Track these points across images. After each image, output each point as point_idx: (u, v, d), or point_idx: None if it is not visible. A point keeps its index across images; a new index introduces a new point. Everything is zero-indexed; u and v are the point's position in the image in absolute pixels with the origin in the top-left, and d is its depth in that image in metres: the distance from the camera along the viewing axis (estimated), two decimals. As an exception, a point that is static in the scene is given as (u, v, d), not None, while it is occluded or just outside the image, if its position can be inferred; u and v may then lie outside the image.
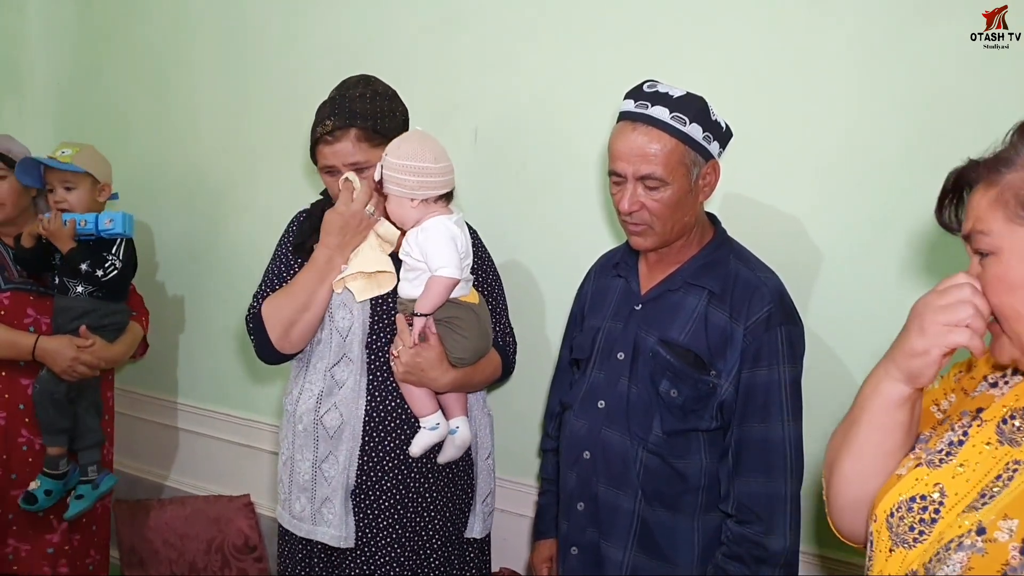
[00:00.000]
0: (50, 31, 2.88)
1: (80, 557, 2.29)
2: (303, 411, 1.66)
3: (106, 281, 2.10)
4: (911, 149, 1.56)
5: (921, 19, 1.52)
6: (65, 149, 2.12)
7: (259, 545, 2.46)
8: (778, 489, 1.36)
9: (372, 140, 1.59)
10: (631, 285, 1.52)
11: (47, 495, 2.11)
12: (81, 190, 2.11)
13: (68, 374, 2.08)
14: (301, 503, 1.67)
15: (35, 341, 2.07)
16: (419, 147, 1.51)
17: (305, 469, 1.66)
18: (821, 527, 1.69)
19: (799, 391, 1.40)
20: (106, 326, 2.16)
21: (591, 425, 1.49)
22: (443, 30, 2.06)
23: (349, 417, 1.62)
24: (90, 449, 2.20)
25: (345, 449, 1.62)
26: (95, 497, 2.20)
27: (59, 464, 2.13)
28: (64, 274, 2.10)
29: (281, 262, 1.71)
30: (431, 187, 1.52)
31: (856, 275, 1.63)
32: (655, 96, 1.35)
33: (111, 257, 2.11)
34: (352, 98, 1.60)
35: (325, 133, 1.57)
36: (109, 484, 2.26)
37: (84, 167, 2.10)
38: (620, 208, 1.40)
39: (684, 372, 1.40)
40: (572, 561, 1.54)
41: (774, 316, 1.37)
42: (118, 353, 2.21)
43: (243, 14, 2.41)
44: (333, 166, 1.60)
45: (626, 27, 1.82)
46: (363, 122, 1.57)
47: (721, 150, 1.41)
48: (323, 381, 1.65)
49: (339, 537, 1.63)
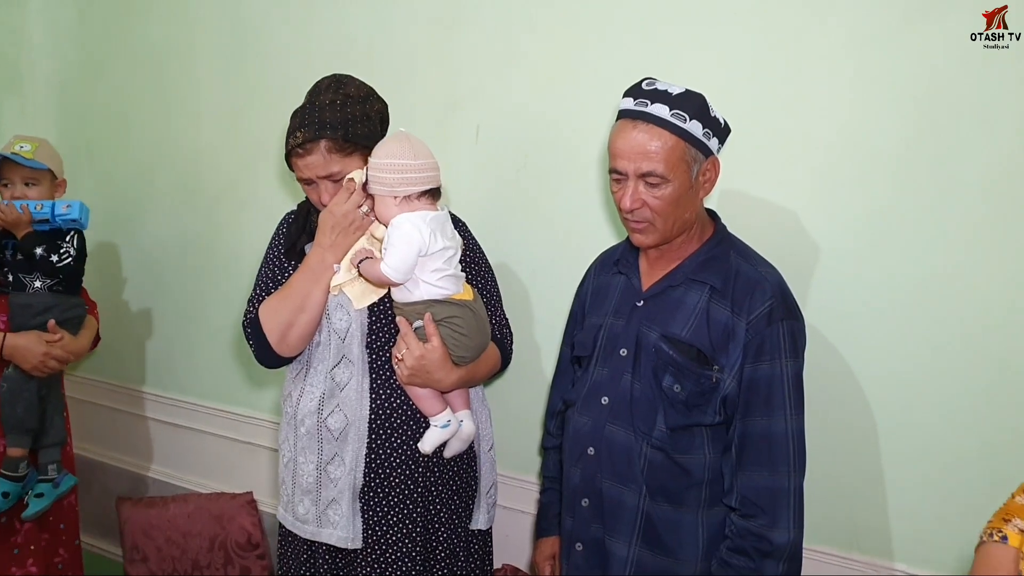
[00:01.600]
0: (51, 30, 2.88)
1: (48, 556, 2.27)
2: (305, 414, 1.66)
3: (61, 267, 2.09)
4: (910, 148, 1.56)
5: (921, 18, 1.52)
6: (23, 144, 2.09)
7: (262, 542, 2.47)
8: (781, 482, 1.37)
9: (344, 150, 1.56)
10: (632, 282, 1.53)
11: (4, 497, 2.07)
12: (42, 186, 2.11)
13: (39, 370, 2.07)
14: (305, 505, 1.67)
15: (2, 339, 2.05)
16: (398, 146, 1.53)
17: (309, 472, 1.66)
18: (822, 523, 1.70)
19: (801, 385, 1.41)
20: (69, 320, 2.16)
21: (595, 421, 1.50)
22: (445, 28, 2.06)
23: (354, 418, 1.62)
24: (51, 448, 2.19)
25: (351, 450, 1.62)
26: (55, 496, 2.18)
27: (19, 466, 2.10)
28: (17, 269, 2.08)
29: (273, 265, 1.71)
30: (411, 183, 1.52)
31: (855, 271, 1.64)
32: (654, 94, 1.36)
33: (65, 244, 2.10)
34: (322, 106, 1.57)
35: (296, 145, 1.56)
36: (69, 484, 2.24)
37: (45, 163, 2.09)
38: (621, 206, 1.41)
39: (687, 367, 1.40)
40: (577, 557, 1.55)
41: (776, 311, 1.38)
42: (83, 346, 2.21)
43: (244, 13, 2.41)
44: (308, 178, 1.60)
45: (626, 24, 1.82)
46: (332, 132, 1.54)
47: (720, 146, 1.42)
48: (324, 383, 1.64)
49: (346, 538, 1.63)
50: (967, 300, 1.55)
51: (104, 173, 2.81)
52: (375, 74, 2.10)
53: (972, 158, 1.51)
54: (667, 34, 1.78)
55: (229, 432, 2.62)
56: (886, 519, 1.67)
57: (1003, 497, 1.51)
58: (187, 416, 2.71)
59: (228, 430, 2.62)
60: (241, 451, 2.59)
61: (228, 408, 2.62)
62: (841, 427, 1.69)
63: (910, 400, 1.62)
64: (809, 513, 1.43)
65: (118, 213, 2.79)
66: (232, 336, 2.58)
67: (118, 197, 2.78)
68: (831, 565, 1.72)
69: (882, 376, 1.64)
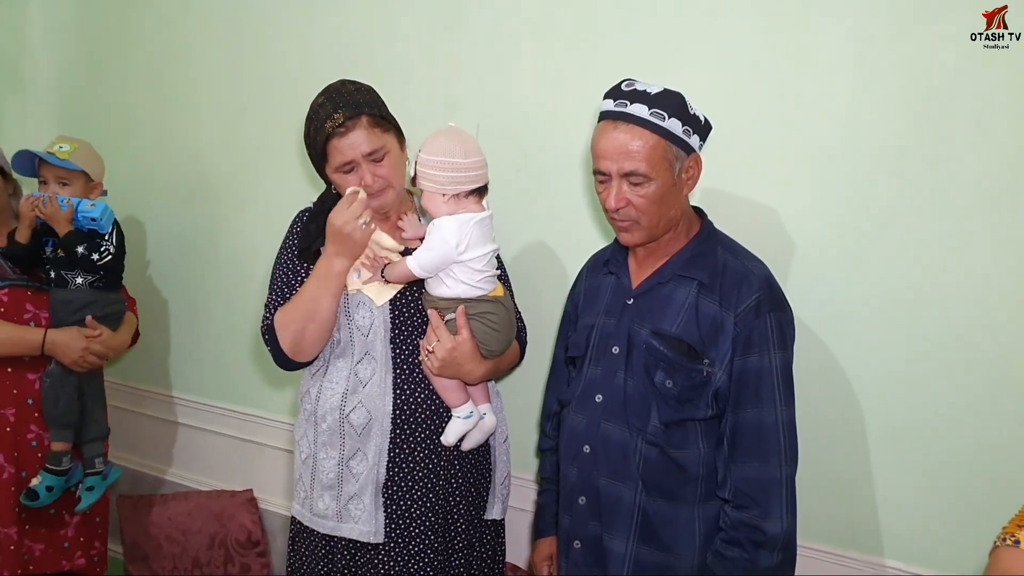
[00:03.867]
0: (52, 29, 2.89)
1: (86, 549, 2.31)
2: (326, 410, 1.67)
3: (102, 265, 2.11)
4: (909, 148, 1.57)
5: (920, 19, 1.53)
6: (63, 145, 2.12)
7: (262, 540, 2.47)
8: (773, 473, 1.38)
9: (382, 126, 1.60)
10: (622, 281, 1.55)
11: (48, 491, 2.11)
12: (75, 187, 2.12)
13: (79, 365, 2.10)
14: (325, 501, 1.68)
15: (43, 335, 2.08)
16: (449, 143, 1.54)
17: (330, 467, 1.67)
18: (818, 521, 1.71)
19: (790, 376, 1.42)
20: (109, 315, 2.18)
21: (590, 419, 1.51)
22: (445, 27, 2.07)
23: (377, 413, 1.64)
24: (95, 442, 2.22)
25: (374, 445, 1.64)
26: (104, 488, 2.23)
27: (62, 460, 2.14)
28: (59, 266, 2.11)
29: (287, 268, 1.70)
30: (461, 182, 1.54)
31: (852, 270, 1.64)
32: (633, 94, 1.38)
33: (105, 242, 2.13)
34: (349, 92, 1.61)
35: (337, 127, 1.57)
36: (116, 475, 2.29)
37: (80, 165, 2.11)
38: (607, 206, 1.43)
39: (678, 362, 1.42)
40: (575, 555, 1.56)
41: (763, 303, 1.39)
42: (123, 341, 2.24)
43: (244, 12, 2.42)
44: (351, 160, 1.59)
45: (626, 23, 1.83)
46: (370, 109, 1.59)
47: (701, 143, 1.43)
48: (347, 380, 1.66)
49: (368, 532, 1.64)
50: (963, 299, 1.55)
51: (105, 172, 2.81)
52: (375, 73, 2.11)
53: (971, 158, 1.52)
54: (667, 35, 1.79)
55: (229, 430, 2.63)
56: (881, 517, 1.68)
57: (1000, 495, 1.52)
58: (187, 414, 2.72)
59: (228, 428, 2.63)
60: (242, 449, 2.60)
61: (228, 406, 2.62)
62: (837, 425, 1.69)
63: (905, 399, 1.62)
64: (805, 511, 1.44)
65: (118, 212, 2.76)
66: (233, 334, 2.58)
67: (118, 197, 2.78)
68: (826, 563, 1.73)
69: (879, 375, 1.64)
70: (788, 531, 1.39)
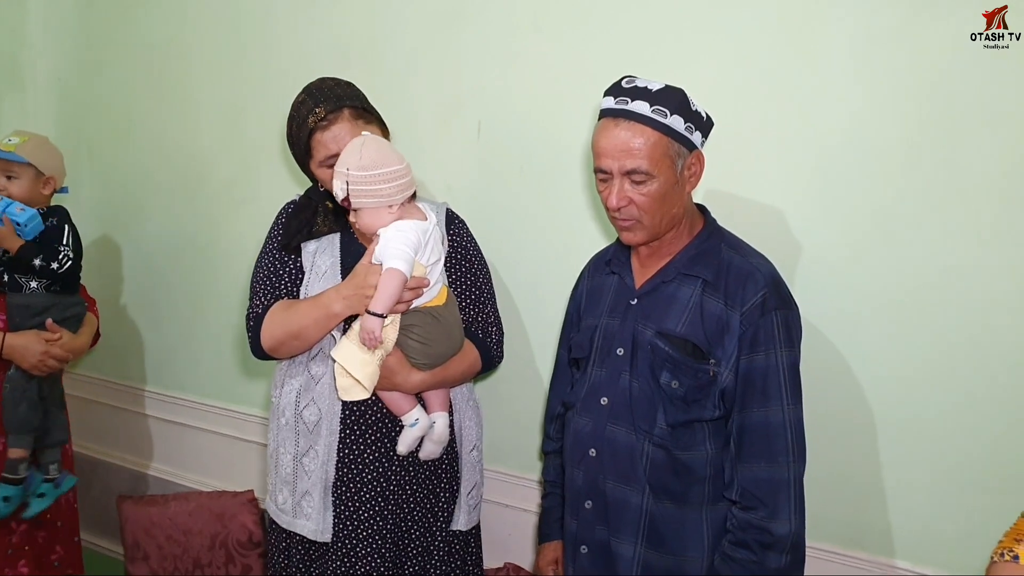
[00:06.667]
0: (51, 28, 2.88)
1: (45, 554, 2.26)
2: (285, 404, 1.69)
3: (61, 274, 2.08)
4: (910, 148, 1.56)
5: (921, 19, 1.52)
6: (12, 137, 2.08)
7: (263, 541, 2.47)
8: (780, 473, 1.36)
9: (365, 117, 1.61)
10: (625, 280, 1.53)
11: (6, 501, 2.05)
12: (23, 180, 2.07)
13: (39, 369, 2.06)
14: (283, 495, 1.70)
15: (1, 339, 2.03)
16: (380, 153, 1.48)
17: (287, 462, 1.69)
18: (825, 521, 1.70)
19: (797, 375, 1.40)
20: (69, 318, 2.15)
21: (595, 422, 1.50)
22: (446, 25, 2.06)
23: (326, 412, 1.64)
24: (53, 448, 2.18)
25: (324, 444, 1.64)
26: (55, 496, 2.18)
27: (19, 469, 2.07)
28: (15, 271, 2.06)
29: (272, 259, 1.71)
30: (405, 187, 1.51)
31: (857, 270, 1.63)
32: (634, 91, 1.36)
33: (63, 248, 2.08)
34: (329, 87, 1.62)
35: (319, 120, 1.57)
36: (70, 484, 2.24)
37: (27, 157, 2.06)
38: (608, 204, 1.41)
39: (683, 363, 1.40)
40: (582, 560, 1.54)
41: (769, 301, 1.37)
42: (83, 344, 2.20)
43: (244, 11, 2.41)
44: (335, 153, 1.56)
45: (628, 21, 1.82)
46: (351, 101, 1.60)
47: (704, 140, 1.42)
48: (302, 376, 1.67)
49: (316, 531, 1.66)
50: (969, 298, 1.54)
51: (104, 172, 2.81)
52: (376, 72, 2.11)
53: (972, 158, 1.51)
54: (670, 32, 1.77)
55: (230, 430, 2.62)
56: (889, 517, 1.67)
57: (1010, 496, 1.52)
58: (188, 414, 2.72)
59: (229, 428, 2.62)
60: (242, 449, 2.60)
61: (229, 406, 2.62)
62: (845, 425, 1.68)
63: (913, 398, 1.61)
64: (812, 511, 1.43)
65: (118, 211, 2.79)
66: (232, 334, 2.58)
67: (118, 196, 2.78)
68: (834, 563, 1.72)
69: (886, 375, 1.63)
70: (796, 532, 1.37)
